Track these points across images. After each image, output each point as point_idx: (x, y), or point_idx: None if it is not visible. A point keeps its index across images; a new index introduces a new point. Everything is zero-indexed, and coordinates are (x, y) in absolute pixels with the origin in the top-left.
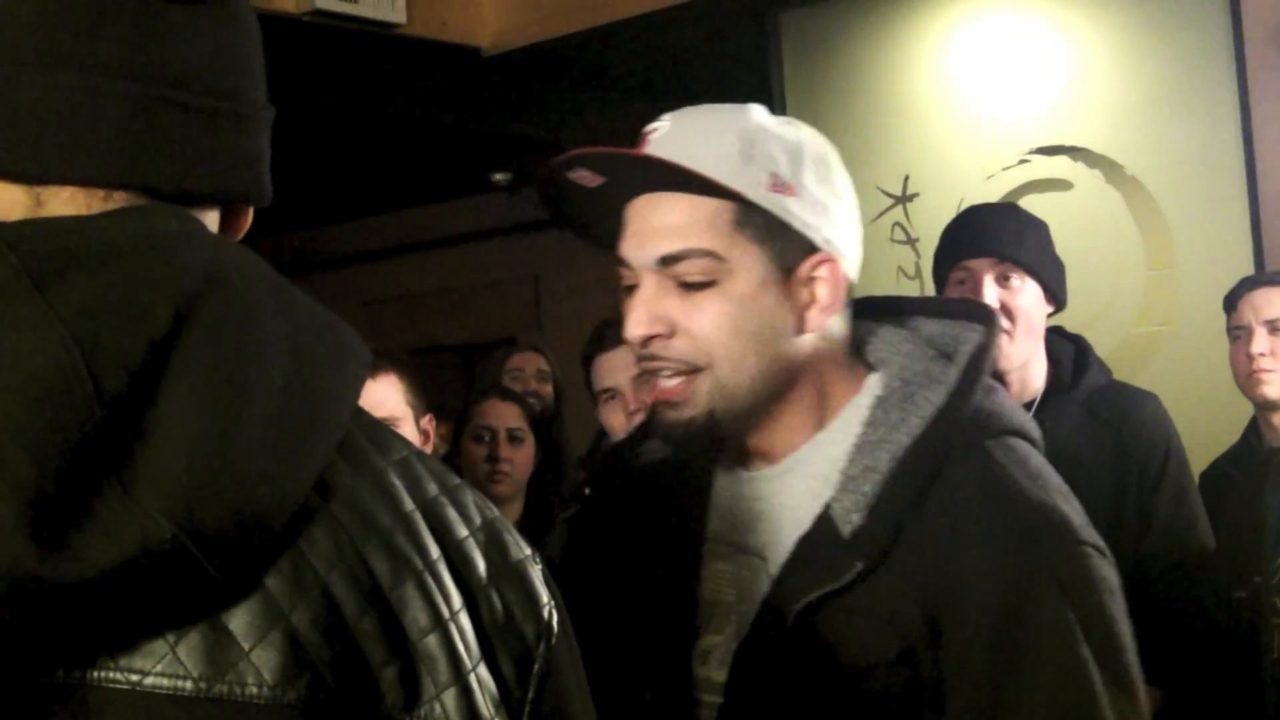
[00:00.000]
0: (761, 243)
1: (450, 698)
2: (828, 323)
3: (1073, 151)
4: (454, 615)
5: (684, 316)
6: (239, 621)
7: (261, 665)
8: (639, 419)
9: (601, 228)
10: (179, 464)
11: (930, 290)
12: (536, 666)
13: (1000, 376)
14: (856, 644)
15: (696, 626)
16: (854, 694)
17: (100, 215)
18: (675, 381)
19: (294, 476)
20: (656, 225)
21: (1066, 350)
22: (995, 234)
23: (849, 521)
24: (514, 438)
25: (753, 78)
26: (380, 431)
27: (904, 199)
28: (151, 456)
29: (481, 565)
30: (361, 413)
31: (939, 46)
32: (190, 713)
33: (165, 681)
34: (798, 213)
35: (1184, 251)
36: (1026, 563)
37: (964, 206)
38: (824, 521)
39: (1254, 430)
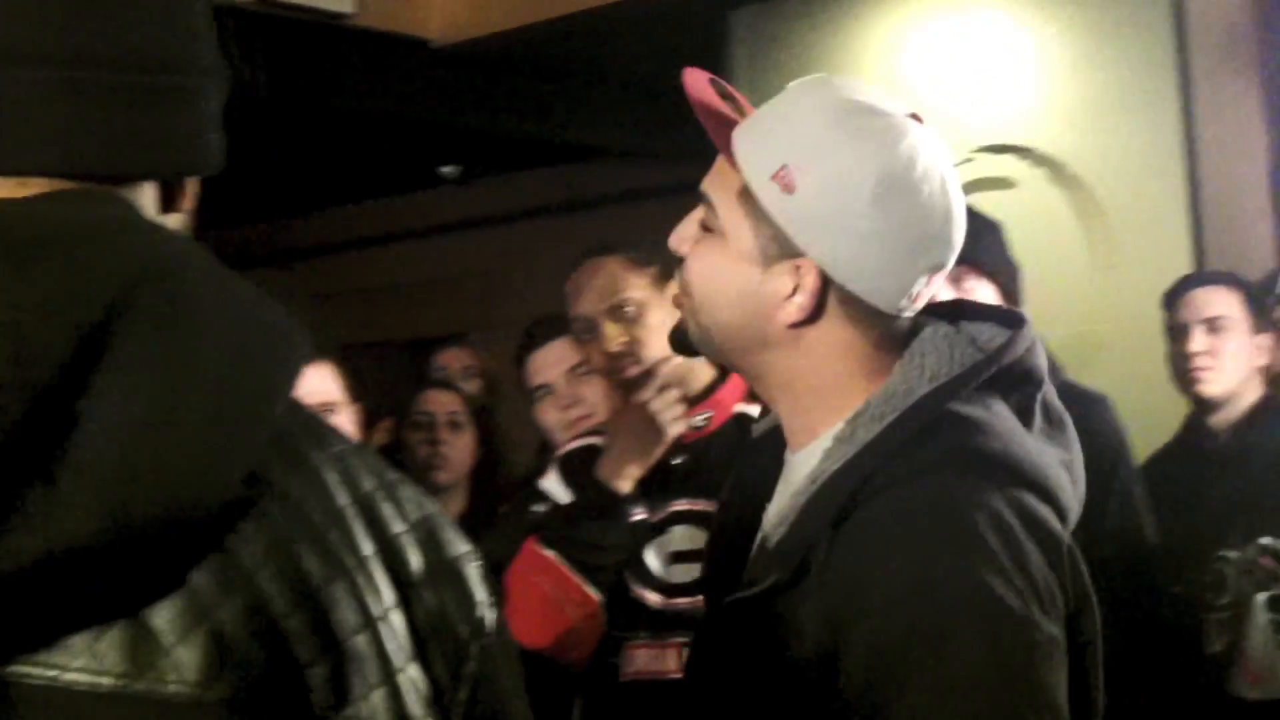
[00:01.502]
0: (755, 221)
1: (379, 697)
2: (827, 323)
3: (1018, 151)
4: (385, 613)
5: (692, 248)
6: (162, 618)
7: (184, 663)
8: (574, 413)
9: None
10: (109, 457)
11: None
12: (470, 666)
13: None
14: (781, 648)
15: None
16: (773, 694)
17: (33, 200)
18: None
19: (225, 471)
20: (715, 166)
21: None
22: None
23: (776, 533)
24: (453, 424)
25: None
26: (317, 425)
27: None
28: (81, 449)
29: (416, 562)
30: (299, 406)
31: (888, 46)
32: (110, 710)
33: (84, 678)
34: (786, 212)
35: (1126, 252)
36: (921, 573)
37: None
38: (764, 526)
39: (1191, 429)
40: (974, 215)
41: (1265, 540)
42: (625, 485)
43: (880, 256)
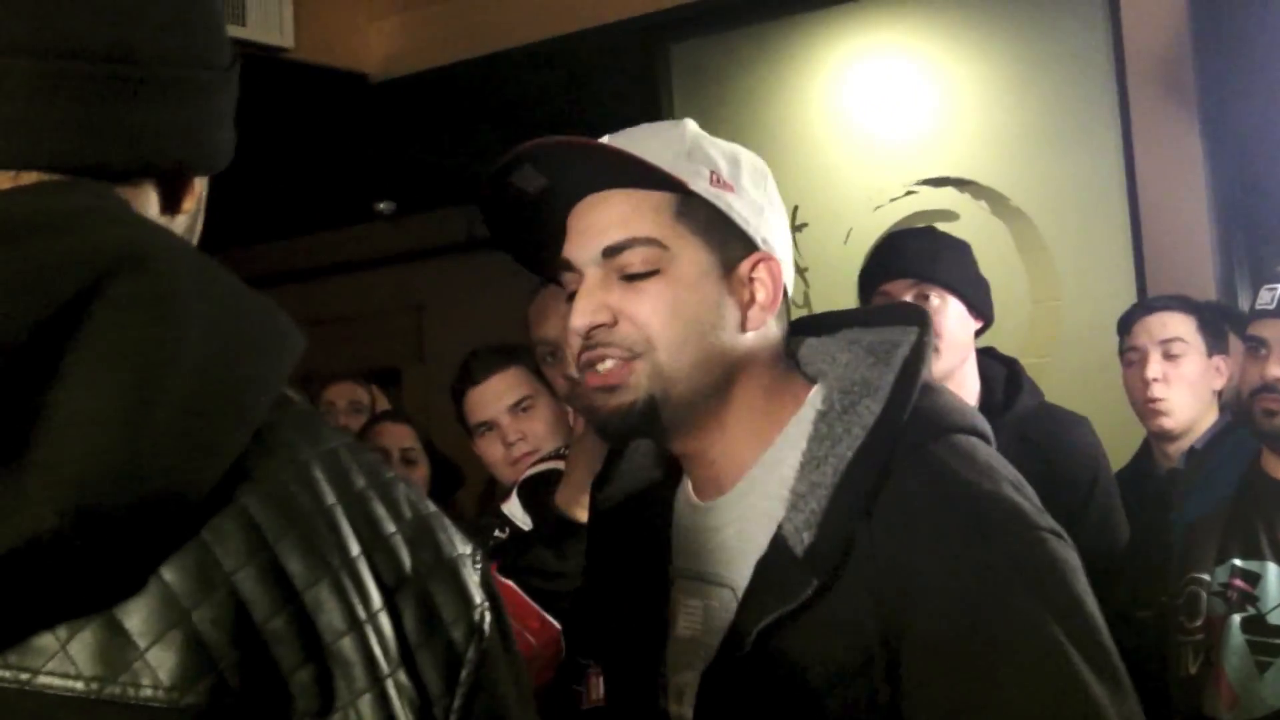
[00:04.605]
0: (703, 235)
1: (366, 704)
2: (766, 330)
3: (959, 183)
4: (372, 616)
5: (627, 304)
6: (136, 618)
7: (158, 666)
8: (518, 450)
9: (542, 241)
10: (76, 450)
11: None
12: (465, 672)
13: None
14: (818, 662)
15: (668, 665)
16: (817, 712)
17: (9, 191)
18: (611, 364)
19: (202, 465)
20: (600, 221)
21: (998, 372)
22: (911, 256)
23: (800, 540)
24: (407, 459)
25: (643, 108)
26: (310, 421)
27: (793, 229)
28: (48, 441)
29: (408, 563)
30: (291, 400)
31: (828, 79)
32: (81, 716)
33: (56, 681)
34: (738, 209)
35: (1067, 283)
36: (982, 556)
37: (851, 237)
38: (778, 543)
39: (1146, 454)
40: (935, 235)
41: (1237, 562)
42: (584, 513)
43: (789, 240)
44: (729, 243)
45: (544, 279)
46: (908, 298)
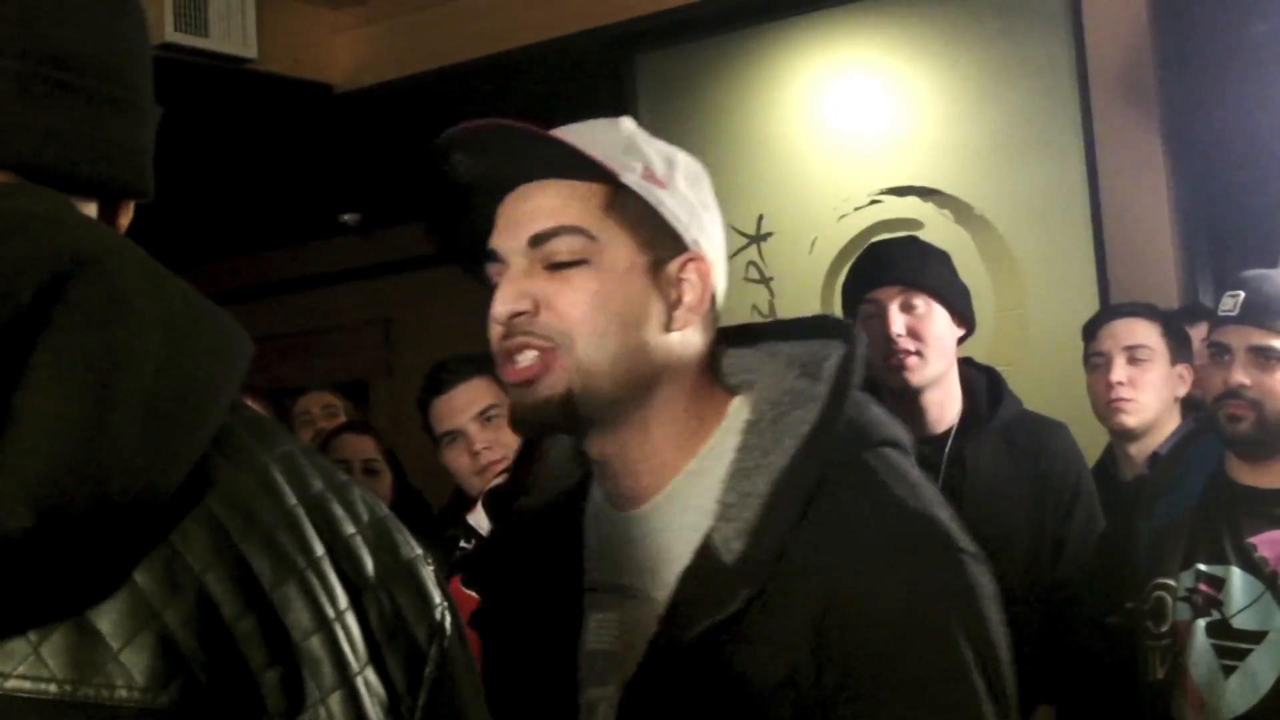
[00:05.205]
0: (632, 230)
1: (336, 702)
2: (692, 334)
3: (923, 192)
4: (340, 615)
5: (550, 293)
6: (107, 621)
7: (131, 667)
8: (485, 458)
9: (473, 235)
10: (41, 451)
11: None
12: (428, 670)
13: (915, 396)
14: (748, 672)
15: (580, 680)
16: None
17: None
18: (531, 356)
19: (166, 466)
20: (528, 210)
21: (980, 381)
22: (898, 264)
23: (730, 550)
24: (370, 470)
25: (608, 117)
26: (263, 425)
27: (758, 238)
28: (12, 443)
29: (370, 564)
30: (244, 405)
31: (794, 89)
32: (54, 719)
33: (27, 685)
34: (670, 206)
35: (1031, 291)
36: (909, 575)
37: (816, 246)
38: (705, 552)
39: (1110, 460)
40: (919, 243)
41: (1202, 567)
42: None
43: (723, 245)
44: (659, 240)
45: (475, 277)
46: (894, 304)
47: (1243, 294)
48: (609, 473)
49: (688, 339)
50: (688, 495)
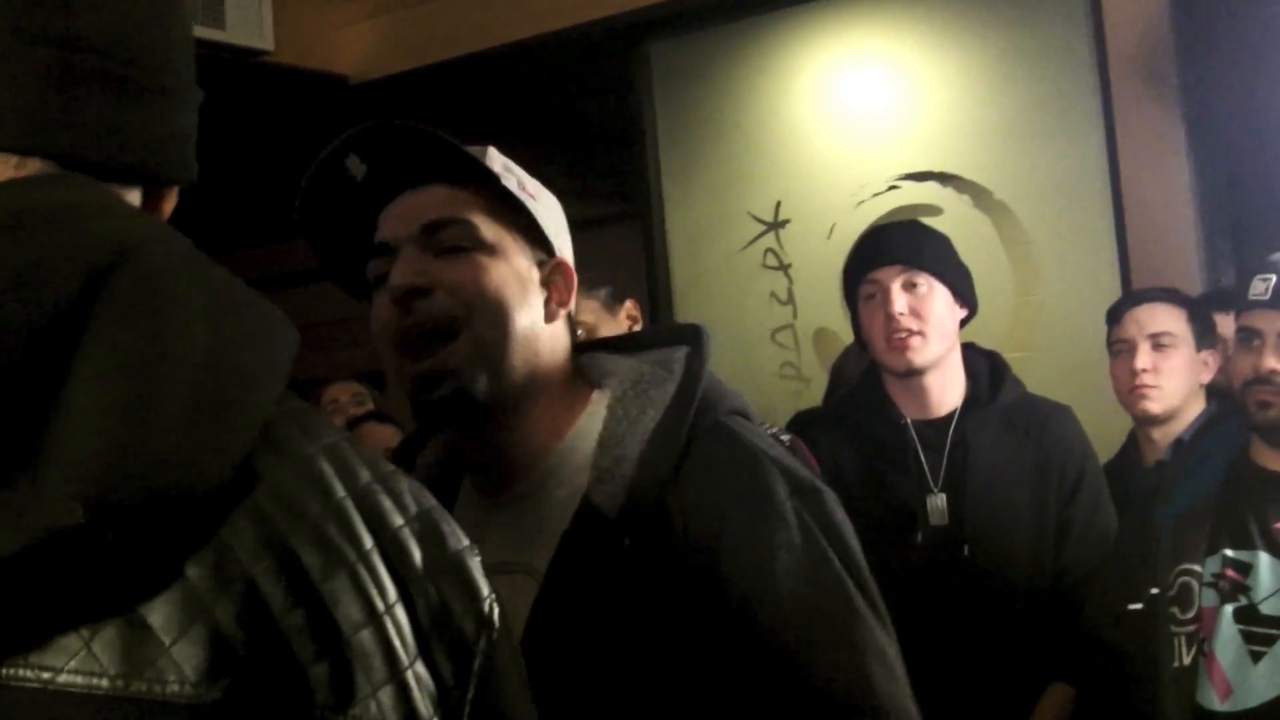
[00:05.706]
0: (511, 230)
1: (386, 696)
2: (560, 330)
3: (942, 178)
4: (389, 609)
5: (445, 273)
6: (158, 615)
7: (183, 661)
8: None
9: (353, 247)
10: (91, 444)
11: (803, 314)
12: (477, 663)
13: (918, 377)
14: (630, 623)
15: None
16: (631, 674)
17: (7, 184)
18: (431, 360)
19: (214, 458)
20: (417, 204)
21: (982, 364)
22: (897, 244)
23: (614, 505)
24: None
25: (623, 106)
26: (308, 416)
27: (776, 225)
28: (62, 437)
29: (418, 556)
30: (289, 396)
31: (809, 75)
32: (106, 714)
33: (79, 680)
34: (542, 215)
35: (1051, 277)
36: (778, 511)
37: (835, 232)
38: (585, 513)
39: (1132, 448)
40: (919, 226)
41: (1228, 552)
42: None
43: (574, 277)
44: (534, 244)
45: (352, 294)
46: (896, 284)
47: (1274, 278)
48: (485, 460)
49: (558, 332)
50: (559, 474)
